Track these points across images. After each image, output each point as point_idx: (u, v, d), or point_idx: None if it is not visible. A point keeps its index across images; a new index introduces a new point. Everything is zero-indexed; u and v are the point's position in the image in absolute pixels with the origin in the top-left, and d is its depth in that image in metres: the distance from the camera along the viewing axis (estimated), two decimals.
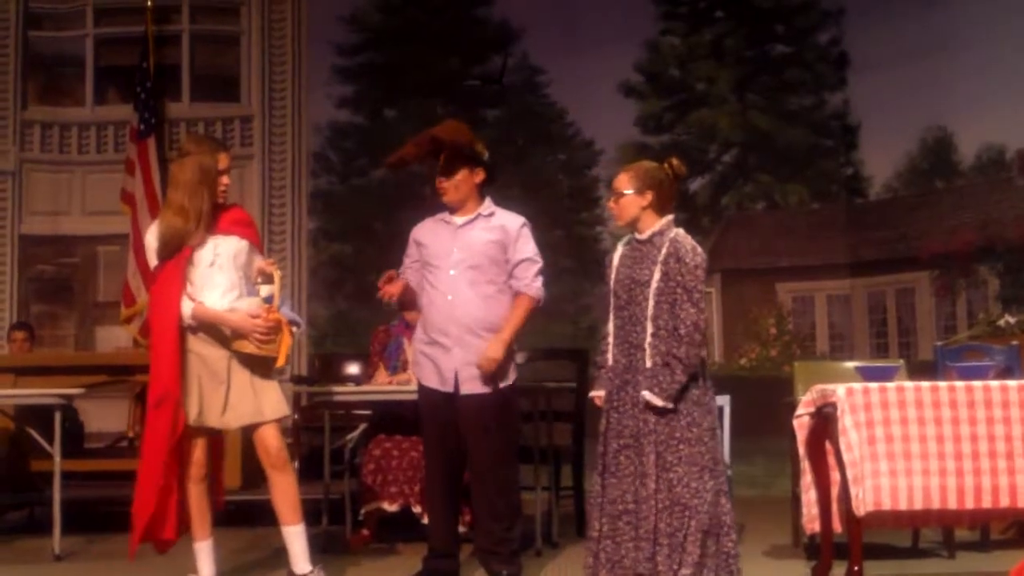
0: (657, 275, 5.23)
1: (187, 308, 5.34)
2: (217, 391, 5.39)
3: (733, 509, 5.34)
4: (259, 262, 5.54)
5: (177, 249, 5.36)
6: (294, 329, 5.54)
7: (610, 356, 5.34)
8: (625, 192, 5.37)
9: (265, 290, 5.42)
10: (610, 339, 5.36)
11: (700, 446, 5.20)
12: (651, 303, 5.22)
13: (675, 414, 5.17)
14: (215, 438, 5.56)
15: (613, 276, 5.40)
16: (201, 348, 5.40)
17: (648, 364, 5.20)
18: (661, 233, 5.33)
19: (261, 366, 5.48)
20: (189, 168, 5.42)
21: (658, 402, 5.16)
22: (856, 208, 11.27)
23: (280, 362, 5.46)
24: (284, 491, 5.46)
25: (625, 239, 5.47)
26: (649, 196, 5.35)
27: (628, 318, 5.28)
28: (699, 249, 5.31)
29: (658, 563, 5.11)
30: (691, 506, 5.13)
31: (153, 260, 5.45)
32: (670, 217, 5.39)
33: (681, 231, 5.37)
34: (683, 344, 5.16)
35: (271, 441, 5.44)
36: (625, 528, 5.20)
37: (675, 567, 5.10)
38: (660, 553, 5.12)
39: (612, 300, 5.37)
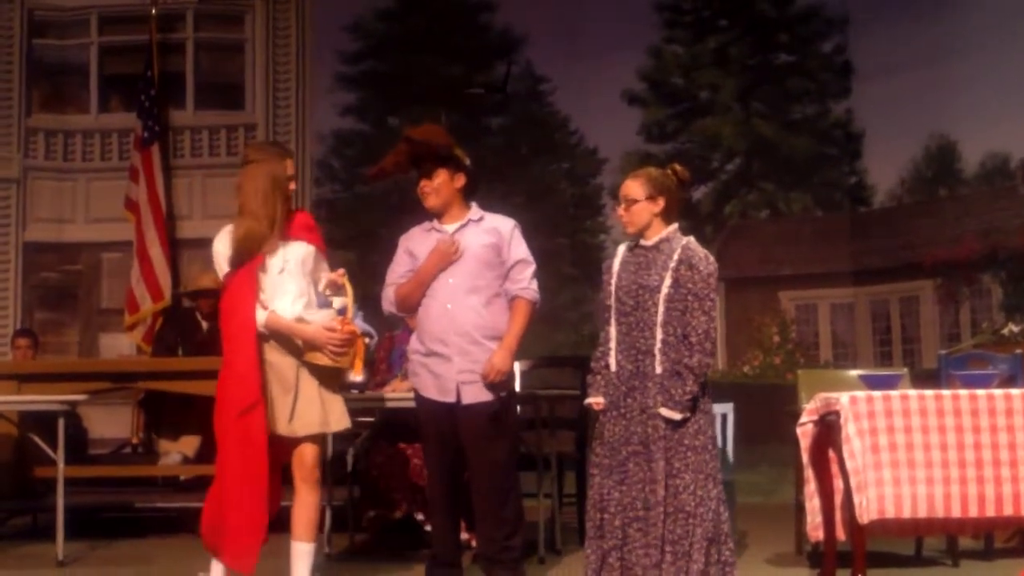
0: (668, 281, 5.21)
1: (261, 316, 5.33)
2: (285, 399, 5.38)
3: (733, 517, 5.33)
4: (329, 274, 5.55)
5: (252, 254, 5.35)
6: (367, 340, 5.54)
7: (613, 362, 5.32)
8: (637, 199, 5.35)
9: (338, 302, 5.44)
10: (612, 344, 5.33)
11: (705, 454, 5.20)
12: (661, 309, 5.20)
13: (684, 422, 5.17)
14: (278, 447, 5.51)
15: (615, 281, 5.36)
16: (271, 356, 5.38)
17: (658, 370, 5.19)
18: (669, 240, 5.32)
19: (329, 377, 5.47)
20: (259, 175, 5.41)
21: (676, 415, 5.15)
22: (860, 216, 11.26)
23: (356, 372, 5.49)
24: (306, 507, 5.46)
25: (627, 244, 5.45)
26: (661, 203, 5.34)
27: (634, 324, 5.26)
28: (711, 258, 5.30)
29: (663, 571, 5.10)
30: (696, 514, 5.13)
31: (224, 267, 5.43)
32: (676, 225, 5.39)
33: (692, 239, 5.36)
34: (695, 353, 5.16)
35: (309, 457, 5.43)
36: (636, 535, 5.18)
37: (681, 574, 5.09)
38: (664, 561, 5.11)
39: (614, 305, 5.33)
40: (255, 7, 12.00)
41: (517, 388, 6.69)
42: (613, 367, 5.32)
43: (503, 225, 5.91)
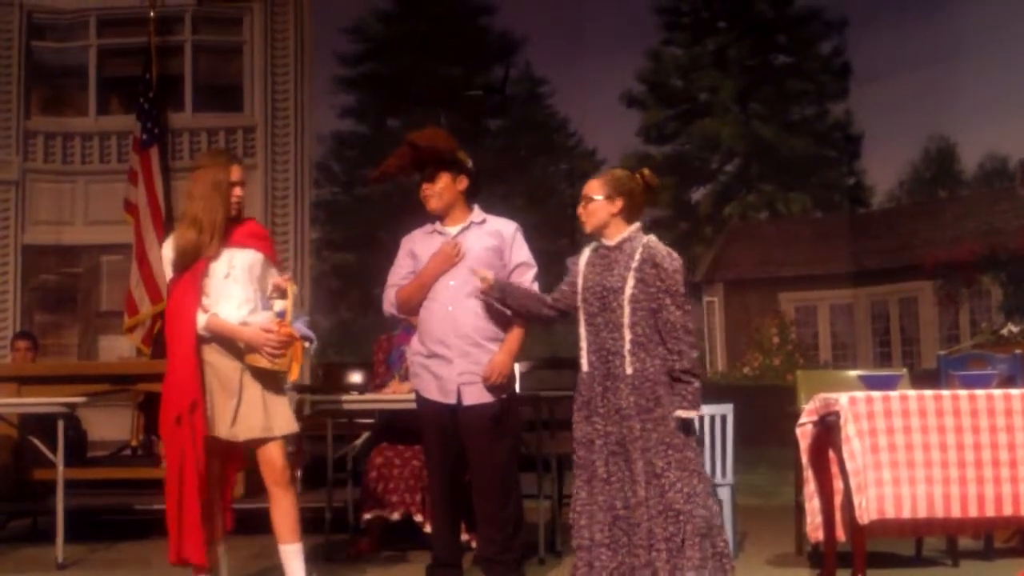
0: (631, 282, 5.22)
1: (201, 319, 5.36)
2: (228, 402, 5.40)
3: (734, 518, 5.31)
4: (275, 278, 5.57)
5: (193, 261, 5.38)
6: (307, 345, 5.55)
7: (585, 362, 5.32)
8: (595, 198, 5.37)
9: (278, 305, 5.45)
10: (583, 344, 5.33)
11: (688, 450, 5.19)
12: (627, 310, 5.21)
13: (662, 420, 5.16)
14: (232, 452, 5.55)
15: (581, 282, 5.38)
16: (215, 359, 5.41)
17: (629, 371, 5.20)
18: (631, 239, 5.33)
19: (273, 381, 5.49)
20: (202, 181, 5.46)
21: (692, 414, 5.18)
22: (859, 217, 11.27)
23: (292, 376, 5.49)
24: (285, 509, 5.47)
25: (592, 245, 5.46)
26: (619, 203, 5.35)
27: (602, 325, 5.27)
28: (675, 253, 5.30)
29: (657, 568, 5.09)
30: (685, 511, 5.12)
31: (169, 272, 5.47)
32: (638, 224, 5.39)
33: (653, 237, 5.37)
34: (680, 353, 5.16)
35: (276, 458, 5.45)
36: (620, 535, 5.18)
37: (677, 572, 5.09)
38: (659, 559, 5.10)
39: (582, 307, 5.35)
40: (253, 9, 12.02)
41: (517, 389, 6.69)
42: (585, 367, 5.33)
43: (505, 228, 5.92)
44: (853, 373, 7.09)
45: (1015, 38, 10.00)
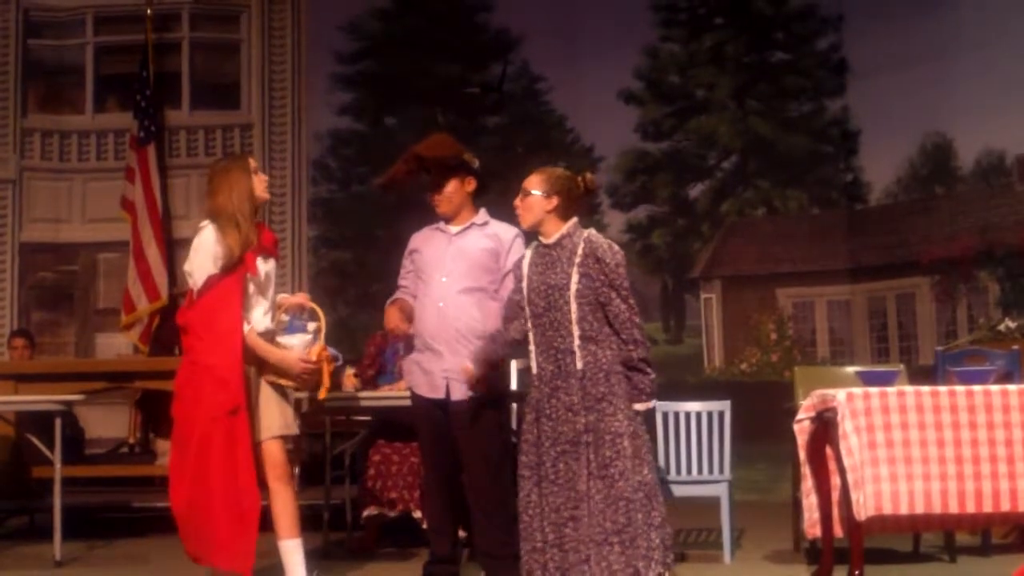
0: (575, 277, 5.23)
1: (243, 329, 5.38)
2: None
3: (733, 515, 5.29)
4: (293, 298, 5.60)
5: (242, 257, 5.36)
6: (335, 363, 5.60)
7: (534, 364, 5.33)
8: (533, 192, 5.39)
9: (312, 326, 5.48)
10: (531, 347, 5.34)
11: (637, 439, 5.19)
12: (574, 307, 5.22)
13: (610, 411, 5.16)
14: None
15: (526, 285, 5.38)
16: None
17: (579, 366, 5.20)
18: (570, 236, 5.34)
19: (285, 389, 5.51)
20: (226, 178, 5.46)
21: (650, 405, 5.19)
22: (856, 214, 11.27)
23: (321, 395, 5.56)
24: (285, 505, 5.47)
25: (533, 245, 5.48)
26: (555, 201, 5.36)
27: (549, 324, 5.27)
28: (616, 246, 5.33)
29: (611, 561, 5.06)
30: (635, 499, 5.11)
31: (207, 266, 5.38)
32: (575, 220, 5.40)
33: (593, 231, 5.39)
34: (636, 346, 5.18)
35: (277, 454, 5.46)
36: (571, 535, 5.16)
37: (634, 561, 5.06)
38: (612, 552, 5.08)
39: (528, 308, 5.34)
40: (250, 7, 12.01)
41: (513, 386, 6.72)
42: (534, 369, 5.33)
43: (505, 233, 5.97)
44: (851, 369, 7.11)
45: (1011, 34, 10.01)
